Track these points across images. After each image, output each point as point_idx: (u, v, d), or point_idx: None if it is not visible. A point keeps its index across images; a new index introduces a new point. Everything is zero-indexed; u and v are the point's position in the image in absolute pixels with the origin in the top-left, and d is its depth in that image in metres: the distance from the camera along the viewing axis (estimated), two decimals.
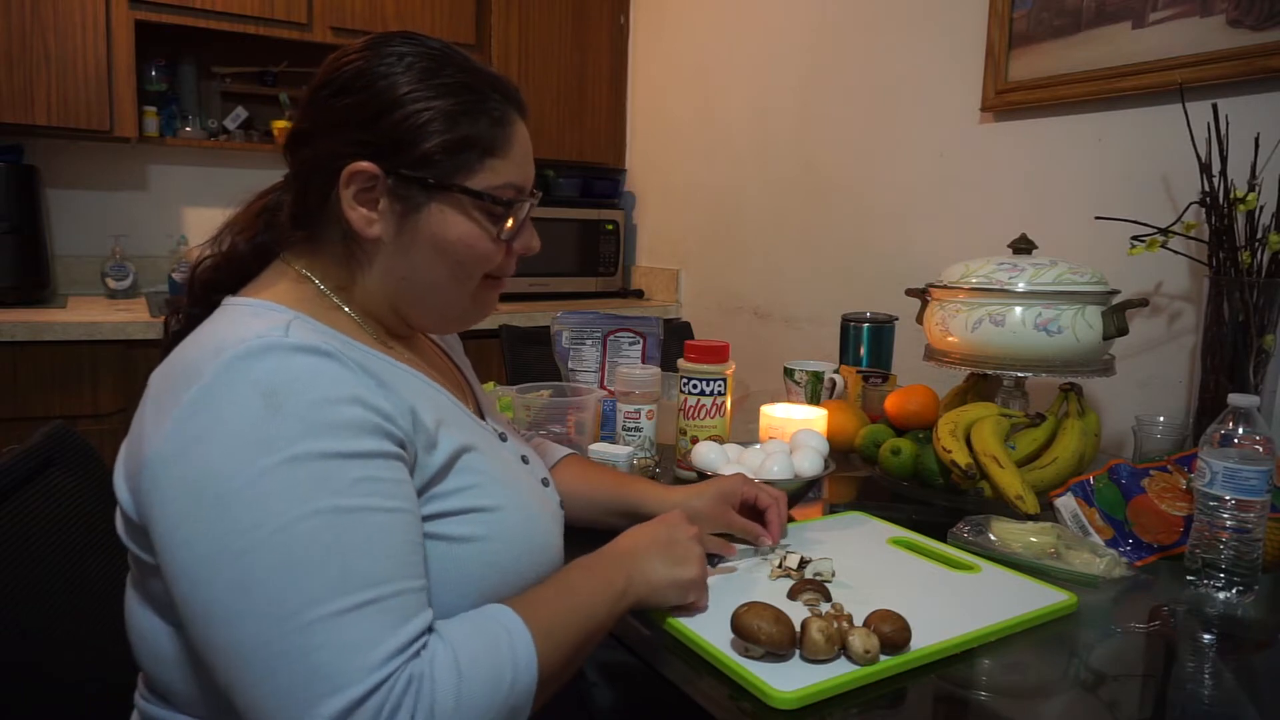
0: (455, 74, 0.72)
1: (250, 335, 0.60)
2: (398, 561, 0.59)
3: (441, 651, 0.59)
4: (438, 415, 0.69)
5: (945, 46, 1.86)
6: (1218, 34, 1.37)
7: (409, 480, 0.64)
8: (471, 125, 0.71)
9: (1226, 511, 0.89)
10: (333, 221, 0.72)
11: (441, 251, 0.73)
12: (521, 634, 0.63)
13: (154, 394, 0.63)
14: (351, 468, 0.59)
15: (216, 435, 0.57)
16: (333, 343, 0.63)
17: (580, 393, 1.27)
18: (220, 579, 0.56)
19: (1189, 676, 0.78)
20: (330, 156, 0.70)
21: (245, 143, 2.62)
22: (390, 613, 0.57)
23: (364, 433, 0.60)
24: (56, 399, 1.99)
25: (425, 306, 0.76)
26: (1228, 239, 1.26)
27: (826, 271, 2.23)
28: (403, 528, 0.61)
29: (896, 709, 0.69)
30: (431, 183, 0.70)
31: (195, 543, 0.57)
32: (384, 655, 0.55)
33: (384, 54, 0.71)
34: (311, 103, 0.73)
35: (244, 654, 0.55)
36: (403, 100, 0.69)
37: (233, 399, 0.58)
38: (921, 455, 1.18)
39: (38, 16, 2.13)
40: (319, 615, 0.55)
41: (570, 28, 2.86)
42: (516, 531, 0.71)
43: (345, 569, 0.56)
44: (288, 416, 0.57)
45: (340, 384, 0.61)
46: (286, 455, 0.57)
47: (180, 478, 0.58)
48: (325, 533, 0.56)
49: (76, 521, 0.87)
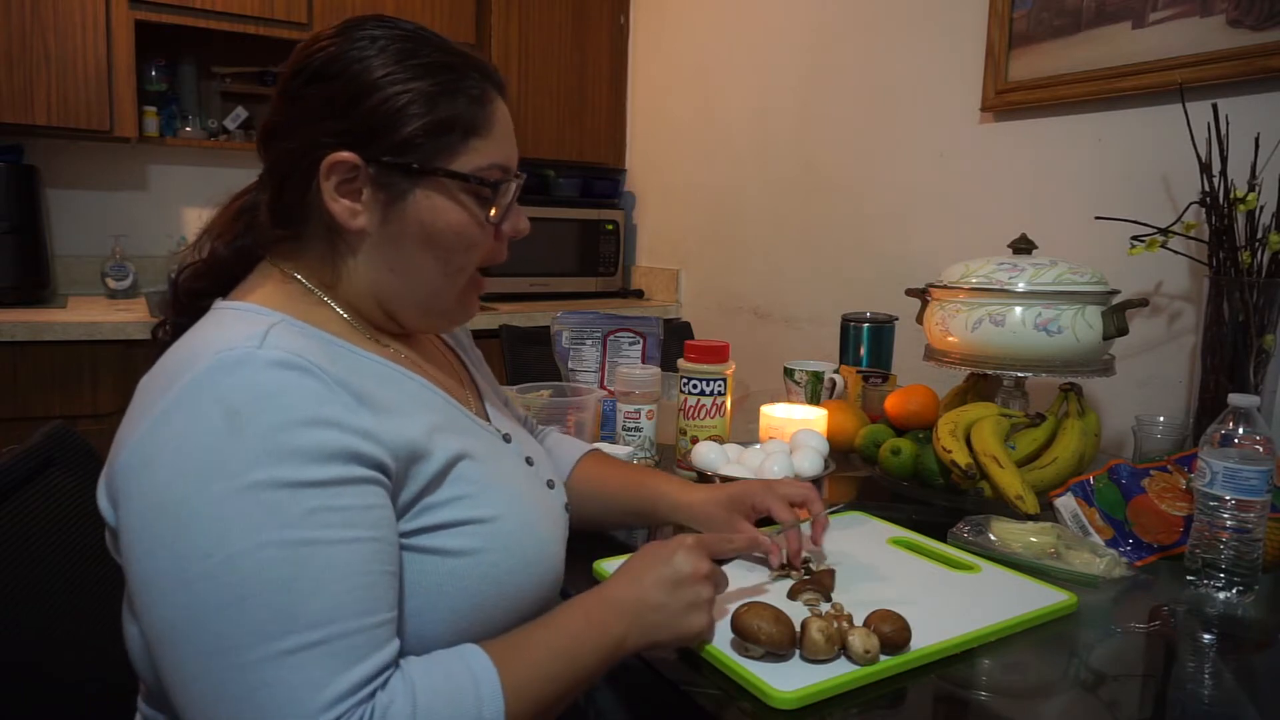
0: (431, 54, 0.69)
1: (224, 347, 0.58)
2: (351, 598, 0.56)
3: (400, 696, 0.56)
4: (432, 421, 0.67)
5: (945, 46, 1.86)
6: (1218, 34, 1.37)
7: (381, 505, 0.61)
8: (451, 106, 0.68)
9: (1226, 511, 0.89)
10: (314, 217, 0.69)
11: (429, 239, 0.70)
12: (491, 685, 0.59)
13: (136, 400, 0.61)
14: (308, 497, 0.56)
15: (177, 450, 0.56)
16: (314, 352, 0.61)
17: (580, 393, 1.27)
18: (171, 602, 0.54)
19: (1189, 676, 0.78)
20: (306, 148, 0.67)
21: (245, 143, 2.62)
22: (338, 655, 0.54)
23: (325, 459, 0.57)
24: (56, 399, 1.99)
25: (411, 301, 0.73)
26: (1228, 239, 1.26)
27: (826, 271, 2.23)
28: (361, 559, 0.58)
29: (896, 709, 0.69)
30: (415, 168, 0.68)
31: (149, 559, 0.56)
32: (330, 698, 0.53)
33: (355, 38, 0.68)
34: (283, 94, 0.70)
35: (189, 682, 0.54)
36: (379, 84, 0.66)
37: (196, 415, 0.56)
38: (921, 455, 1.18)
39: (38, 16, 2.13)
40: (264, 654, 0.53)
41: (570, 28, 2.86)
42: (513, 541, 0.69)
43: (292, 606, 0.54)
44: (248, 439, 0.55)
45: (307, 404, 0.58)
46: (242, 482, 0.55)
47: (141, 492, 0.56)
48: (275, 567, 0.54)
49: (76, 521, 0.87)
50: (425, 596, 0.64)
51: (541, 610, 0.71)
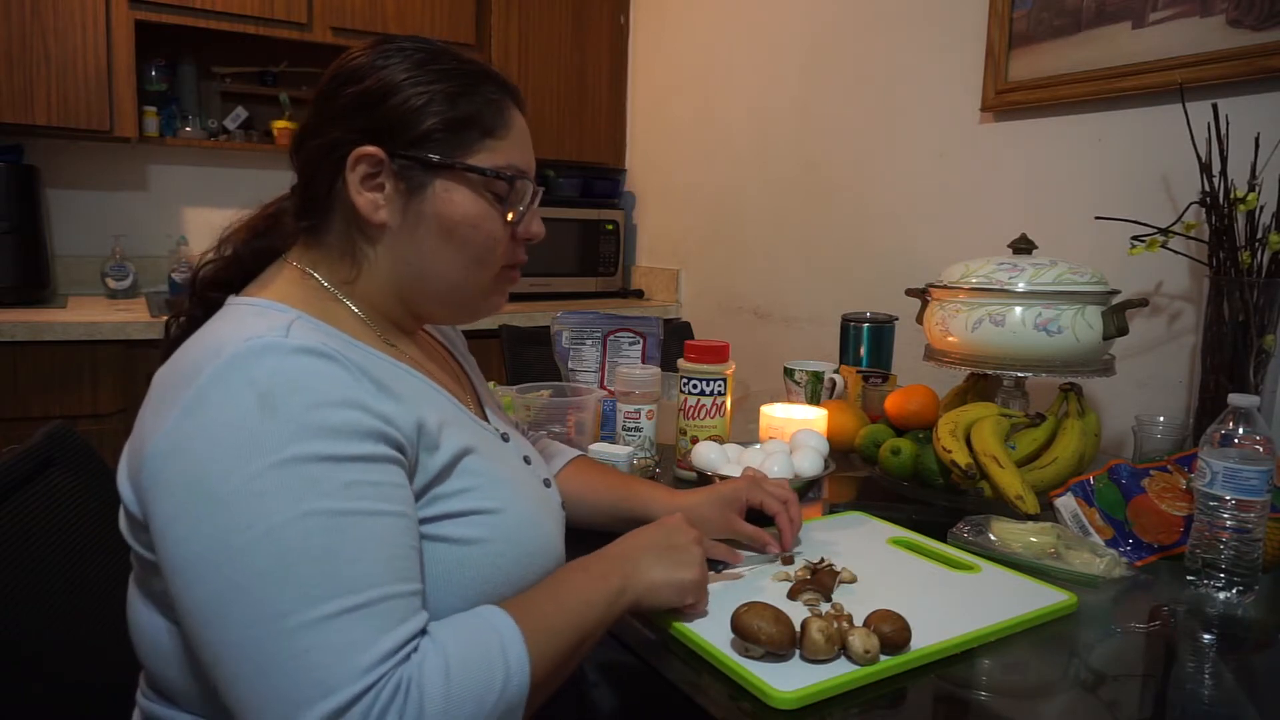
0: (451, 62, 0.74)
1: (251, 335, 0.60)
2: (389, 565, 0.59)
3: (432, 655, 0.58)
4: (440, 417, 0.69)
5: (945, 46, 1.86)
6: (1218, 34, 1.37)
7: (406, 484, 0.64)
8: (470, 105, 0.73)
9: (1226, 511, 0.89)
10: (337, 212, 0.73)
11: (448, 232, 0.73)
12: (514, 636, 0.62)
13: (156, 393, 0.63)
14: (344, 471, 0.59)
15: (212, 434, 0.57)
16: (334, 344, 0.63)
17: (580, 393, 1.27)
18: (212, 578, 0.56)
19: (1189, 676, 0.78)
20: (335, 144, 0.71)
21: (245, 143, 2.62)
22: (380, 617, 0.57)
23: (358, 436, 0.60)
24: (56, 399, 1.99)
25: (433, 294, 0.76)
26: (1228, 239, 1.26)
27: (826, 271, 2.23)
28: (395, 532, 0.61)
29: (896, 709, 0.69)
30: (434, 160, 0.71)
31: (189, 540, 0.57)
32: (373, 659, 0.55)
33: (386, 49, 0.73)
34: (318, 99, 0.74)
35: (234, 654, 0.55)
36: (402, 85, 0.71)
37: (229, 399, 0.58)
38: (921, 455, 1.18)
39: (38, 17, 2.13)
40: (309, 619, 0.55)
41: (570, 28, 2.86)
42: (518, 533, 0.72)
43: (335, 572, 0.56)
44: (282, 418, 0.57)
45: (337, 387, 0.60)
46: (280, 458, 0.57)
47: (177, 475, 0.58)
48: (316, 536, 0.56)
49: (76, 521, 0.87)
50: (434, 583, 0.65)
51: None
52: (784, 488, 0.96)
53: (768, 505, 0.94)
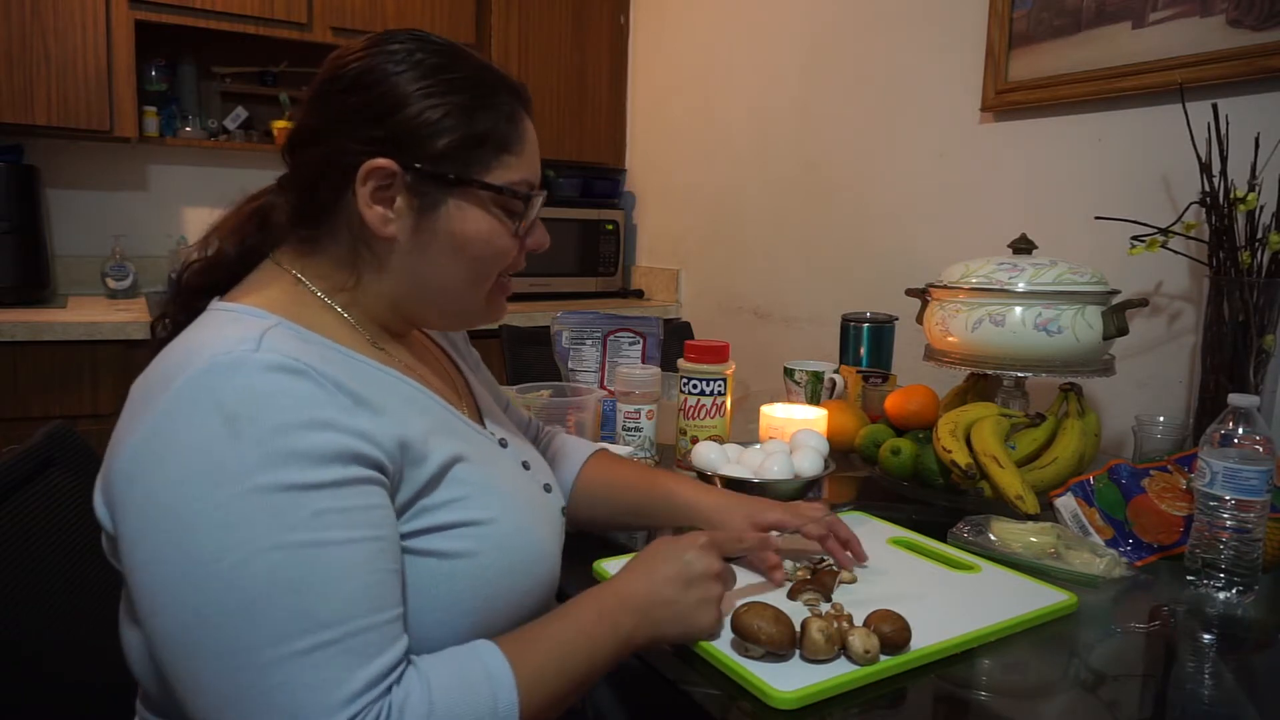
0: (465, 70, 0.71)
1: (220, 351, 0.58)
2: (363, 595, 0.57)
3: (416, 691, 0.57)
4: (428, 425, 0.68)
5: (945, 46, 1.86)
6: (1218, 34, 1.37)
7: (383, 505, 0.61)
8: (485, 120, 0.70)
9: (1226, 511, 0.89)
10: (341, 221, 0.70)
11: (459, 249, 0.71)
12: (505, 680, 0.60)
13: (130, 403, 0.61)
14: (313, 499, 0.56)
15: (177, 459, 0.56)
16: (310, 355, 0.61)
17: (580, 393, 1.27)
18: (179, 608, 0.55)
19: (1189, 676, 0.78)
20: (342, 154, 0.68)
21: (245, 143, 2.62)
22: (353, 652, 0.55)
23: (327, 460, 0.57)
24: (56, 399, 1.99)
25: (436, 306, 0.75)
26: (1228, 239, 1.26)
27: (826, 271, 2.23)
28: (369, 557, 0.58)
29: (896, 709, 0.69)
30: (452, 178, 0.69)
31: (154, 564, 0.55)
32: (348, 694, 0.54)
33: (390, 50, 0.70)
34: (316, 100, 0.71)
35: (203, 687, 0.54)
36: (415, 96, 0.68)
37: (195, 421, 0.56)
38: (921, 455, 1.18)
39: (38, 17, 2.13)
40: (278, 655, 0.53)
41: (570, 28, 2.86)
42: (509, 544, 0.70)
43: (307, 607, 0.54)
44: (248, 443, 0.55)
45: (306, 407, 0.58)
46: (246, 487, 0.55)
47: (141, 499, 0.56)
48: (285, 570, 0.54)
49: (76, 521, 0.87)
50: (422, 599, 0.64)
51: (539, 612, 0.71)
52: (819, 509, 0.91)
53: (808, 531, 0.89)
